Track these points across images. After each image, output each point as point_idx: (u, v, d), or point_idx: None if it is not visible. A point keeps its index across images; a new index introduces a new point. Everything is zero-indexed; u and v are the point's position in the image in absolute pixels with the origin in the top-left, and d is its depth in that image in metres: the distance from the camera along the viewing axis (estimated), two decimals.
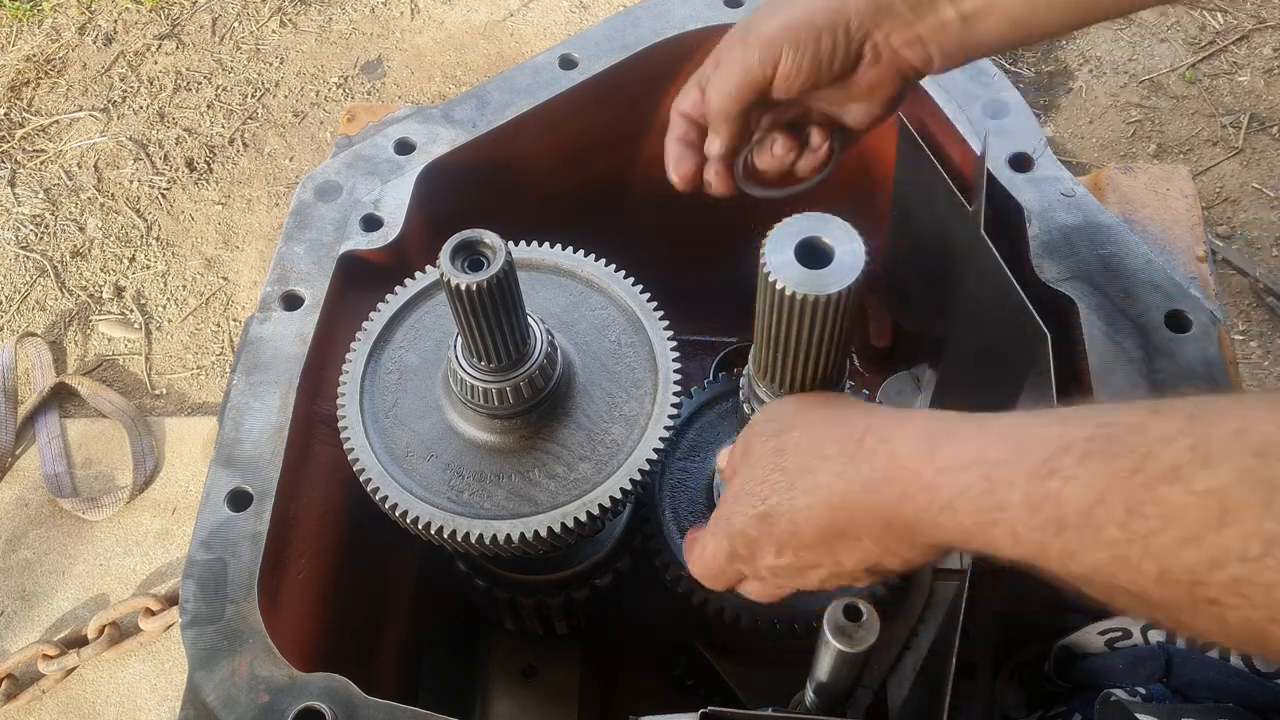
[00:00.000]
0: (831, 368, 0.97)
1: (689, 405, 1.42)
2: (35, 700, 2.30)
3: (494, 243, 1.02)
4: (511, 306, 1.06)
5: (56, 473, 2.57)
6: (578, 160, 1.67)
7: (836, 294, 0.87)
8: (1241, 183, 2.97)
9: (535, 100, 1.53)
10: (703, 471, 1.39)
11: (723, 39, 1.17)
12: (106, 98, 3.33)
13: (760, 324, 0.94)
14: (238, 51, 3.44)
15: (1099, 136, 3.10)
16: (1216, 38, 3.25)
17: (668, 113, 1.25)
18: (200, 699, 1.11)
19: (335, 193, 1.46)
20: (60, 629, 2.39)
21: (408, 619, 1.68)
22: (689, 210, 1.86)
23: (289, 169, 3.17)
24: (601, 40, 1.57)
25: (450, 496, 1.18)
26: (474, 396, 1.15)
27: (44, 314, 2.92)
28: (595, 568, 1.43)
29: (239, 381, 1.32)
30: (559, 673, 1.63)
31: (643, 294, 1.28)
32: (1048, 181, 1.40)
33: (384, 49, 3.43)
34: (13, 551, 2.49)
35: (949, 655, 1.09)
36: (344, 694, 1.10)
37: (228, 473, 1.25)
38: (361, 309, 1.29)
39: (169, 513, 2.54)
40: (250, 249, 3.02)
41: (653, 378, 1.23)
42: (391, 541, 1.34)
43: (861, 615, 0.92)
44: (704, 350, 1.97)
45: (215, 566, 1.19)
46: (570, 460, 1.19)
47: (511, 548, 1.15)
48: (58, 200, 3.12)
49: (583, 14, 3.49)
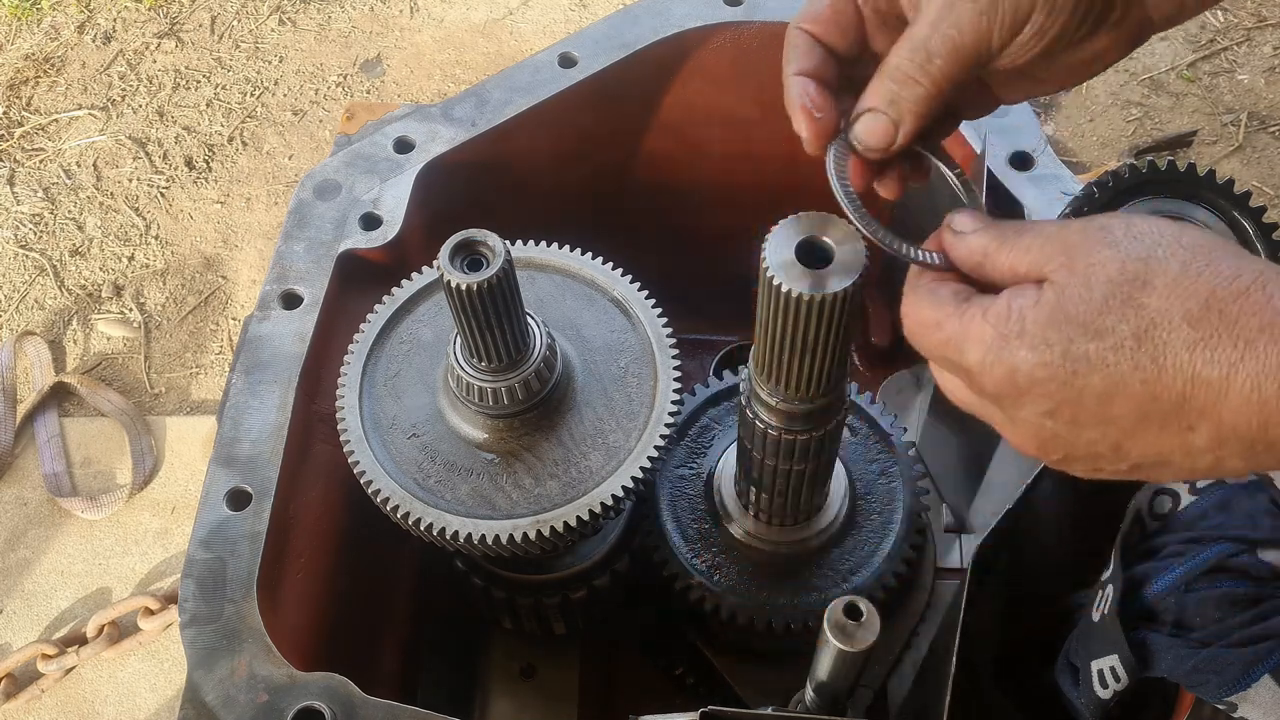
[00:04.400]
0: (832, 367, 0.97)
1: (691, 403, 1.42)
2: (34, 699, 2.29)
3: (494, 243, 1.02)
4: (510, 307, 1.06)
5: (56, 472, 2.57)
6: (577, 158, 1.67)
7: (837, 293, 0.87)
8: (1241, 181, 2.96)
9: (535, 99, 1.53)
10: (704, 471, 1.38)
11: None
12: (105, 96, 3.33)
13: (761, 323, 0.94)
14: (237, 50, 3.43)
15: (1099, 135, 3.10)
16: (1217, 36, 3.25)
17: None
18: (199, 698, 1.11)
19: (334, 191, 1.46)
20: (59, 628, 2.39)
21: (407, 618, 1.68)
22: (689, 209, 1.86)
23: (288, 167, 3.16)
24: (601, 38, 1.57)
25: (417, 479, 1.18)
26: (466, 391, 1.15)
27: (43, 313, 2.91)
28: (593, 568, 1.43)
29: (238, 380, 1.31)
30: (558, 672, 1.63)
31: (665, 326, 1.25)
32: (1048, 180, 1.40)
33: (383, 47, 3.43)
34: (12, 550, 2.49)
35: (949, 655, 1.09)
36: (343, 693, 1.09)
37: (227, 472, 1.25)
38: (360, 308, 1.29)
39: (168, 512, 2.54)
40: (249, 248, 3.02)
41: (646, 413, 1.21)
42: (391, 541, 1.34)
43: (861, 615, 0.92)
44: (704, 349, 1.97)
45: (214, 566, 1.19)
46: (540, 475, 1.18)
47: (457, 544, 1.15)
48: (57, 199, 3.12)
49: (582, 12, 3.49)
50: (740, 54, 1.62)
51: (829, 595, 1.31)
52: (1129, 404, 0.69)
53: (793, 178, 1.26)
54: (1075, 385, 0.70)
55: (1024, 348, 0.71)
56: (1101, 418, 0.71)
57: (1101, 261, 0.71)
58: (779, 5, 1.60)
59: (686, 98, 1.67)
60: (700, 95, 1.67)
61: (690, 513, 1.36)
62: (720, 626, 1.32)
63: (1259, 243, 1.21)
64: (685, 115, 1.70)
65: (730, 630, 1.33)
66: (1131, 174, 1.25)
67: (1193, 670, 0.94)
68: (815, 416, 1.06)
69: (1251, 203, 1.23)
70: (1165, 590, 1.01)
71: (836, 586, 1.32)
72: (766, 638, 1.30)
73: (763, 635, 1.30)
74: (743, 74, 1.65)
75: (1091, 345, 0.69)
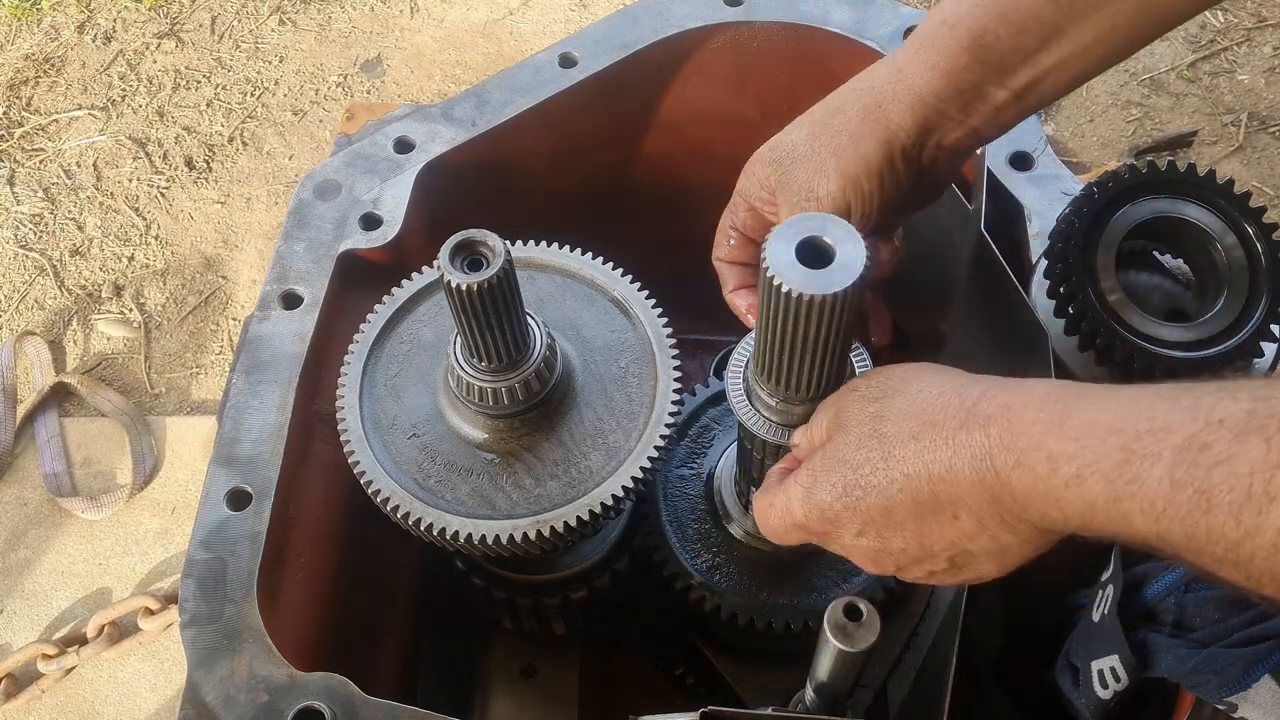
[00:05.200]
0: (833, 367, 0.97)
1: (691, 403, 1.42)
2: (34, 699, 2.29)
3: (494, 243, 1.02)
4: (510, 307, 1.06)
5: (56, 472, 2.57)
6: (577, 159, 1.67)
7: (838, 294, 0.86)
8: (1241, 181, 2.96)
9: (535, 99, 1.53)
10: (704, 471, 1.38)
11: (778, 194, 1.11)
12: (105, 96, 3.33)
13: (761, 324, 0.94)
14: (237, 50, 3.43)
15: (1099, 135, 3.10)
16: (1217, 36, 3.25)
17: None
18: (199, 698, 1.11)
19: (334, 191, 1.46)
20: (59, 628, 2.39)
21: (407, 618, 1.68)
22: (689, 209, 1.86)
23: (288, 168, 3.16)
24: (601, 39, 1.57)
25: (417, 479, 1.18)
26: (466, 391, 1.15)
27: (43, 313, 2.91)
28: (593, 568, 1.43)
29: (238, 380, 1.31)
30: (558, 672, 1.63)
31: (665, 326, 1.25)
32: (1048, 180, 1.40)
33: (383, 47, 3.43)
34: (12, 551, 2.49)
35: (949, 655, 1.09)
36: (343, 693, 1.09)
37: (227, 472, 1.25)
38: (360, 308, 1.29)
39: (168, 512, 2.54)
40: (249, 248, 3.02)
41: (646, 414, 1.21)
42: (391, 541, 1.34)
43: (861, 615, 0.92)
44: (704, 349, 1.97)
45: (214, 566, 1.19)
46: (540, 475, 1.18)
47: (457, 544, 1.15)
48: (57, 199, 3.12)
49: (582, 12, 3.49)
50: (740, 54, 1.62)
51: (829, 595, 1.31)
52: (905, 510, 0.85)
53: None
54: (863, 507, 0.88)
55: (820, 491, 0.91)
56: (894, 526, 0.87)
57: (854, 412, 0.91)
58: (779, 5, 1.60)
59: (686, 98, 1.67)
60: (700, 95, 1.67)
61: (690, 513, 1.36)
62: (720, 626, 1.32)
63: (1259, 243, 1.21)
64: (685, 115, 1.70)
65: (730, 630, 1.33)
66: (1131, 174, 1.25)
67: (1193, 670, 0.94)
68: None
69: (1251, 203, 1.23)
70: (1165, 590, 1.01)
71: (836, 586, 1.32)
72: (766, 638, 1.30)
73: (763, 635, 1.30)
74: (743, 74, 1.65)
75: (858, 474, 0.88)
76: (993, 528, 0.82)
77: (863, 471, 0.87)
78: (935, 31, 1.05)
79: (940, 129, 1.07)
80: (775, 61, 1.63)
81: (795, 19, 1.58)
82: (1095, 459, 0.72)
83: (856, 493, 0.88)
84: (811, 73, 1.62)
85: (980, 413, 0.81)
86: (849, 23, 1.57)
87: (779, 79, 1.66)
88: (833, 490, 0.89)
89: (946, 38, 1.03)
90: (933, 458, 0.82)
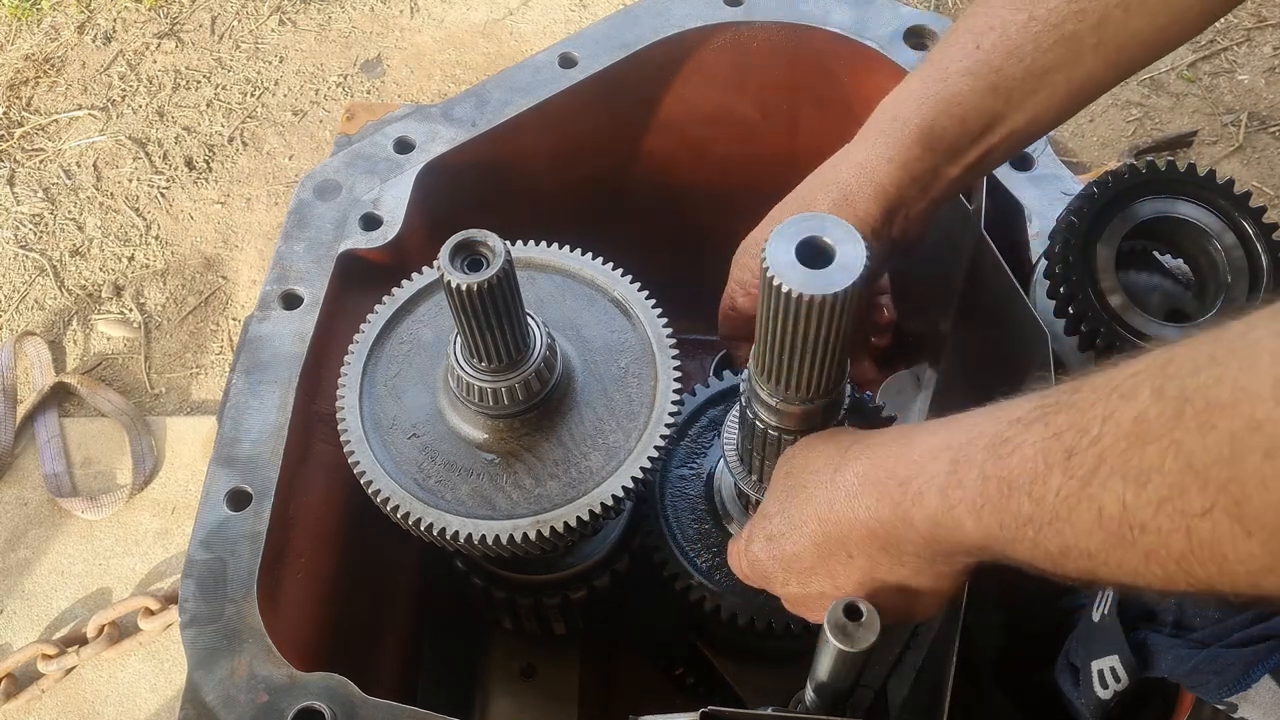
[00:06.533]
0: (832, 367, 0.97)
1: (691, 403, 1.42)
2: (34, 700, 2.29)
3: (494, 243, 1.02)
4: (510, 307, 1.06)
5: (56, 472, 2.57)
6: (577, 158, 1.67)
7: (838, 294, 0.86)
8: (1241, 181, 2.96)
9: (535, 99, 1.53)
10: (704, 471, 1.38)
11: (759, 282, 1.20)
12: (105, 96, 3.33)
13: (761, 324, 0.94)
14: (237, 50, 3.43)
15: (1099, 135, 3.10)
16: (1217, 36, 3.25)
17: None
18: (200, 698, 1.11)
19: (334, 191, 1.46)
20: (59, 628, 2.39)
21: (408, 618, 1.68)
22: (689, 209, 1.86)
23: (288, 168, 3.16)
24: (601, 39, 1.57)
25: (417, 479, 1.18)
26: (466, 392, 1.15)
27: (43, 313, 2.91)
28: (593, 568, 1.43)
29: (238, 381, 1.31)
30: (558, 672, 1.63)
31: (665, 326, 1.25)
32: (1048, 180, 1.40)
33: (383, 47, 3.43)
34: (12, 551, 2.49)
35: (949, 655, 1.09)
36: (343, 693, 1.09)
37: (227, 472, 1.25)
38: (361, 308, 1.29)
39: (168, 512, 2.54)
40: (249, 248, 3.02)
41: (646, 414, 1.20)
42: (391, 541, 1.34)
43: (861, 615, 0.92)
44: (704, 349, 1.97)
45: (214, 566, 1.19)
46: (540, 475, 1.18)
47: (457, 544, 1.15)
48: (57, 199, 3.12)
49: (582, 12, 3.49)
50: (740, 54, 1.63)
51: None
52: (811, 555, 0.94)
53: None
54: (780, 555, 0.98)
55: (752, 544, 1.02)
56: (807, 570, 0.96)
57: (776, 475, 1.03)
58: (779, 5, 1.60)
59: (686, 98, 1.67)
60: (700, 95, 1.67)
61: (690, 513, 1.36)
62: (720, 627, 1.32)
63: (1259, 242, 1.21)
64: (685, 115, 1.70)
65: (730, 630, 1.33)
66: (1131, 174, 1.25)
67: (1193, 670, 0.94)
68: (815, 417, 1.05)
69: (1251, 203, 1.23)
70: None
71: None
72: (766, 638, 1.30)
73: (763, 635, 1.30)
74: (743, 74, 1.65)
75: (772, 525, 0.99)
76: (885, 561, 0.89)
77: (774, 522, 0.98)
78: (888, 127, 1.16)
79: (905, 207, 1.18)
80: (775, 61, 1.64)
81: (795, 19, 1.58)
82: (930, 475, 0.80)
83: (775, 540, 0.98)
84: (811, 73, 1.63)
85: (850, 455, 0.91)
86: (849, 23, 1.57)
87: (779, 79, 1.66)
88: (757, 542, 1.01)
89: (899, 133, 1.14)
90: (820, 500, 0.92)
